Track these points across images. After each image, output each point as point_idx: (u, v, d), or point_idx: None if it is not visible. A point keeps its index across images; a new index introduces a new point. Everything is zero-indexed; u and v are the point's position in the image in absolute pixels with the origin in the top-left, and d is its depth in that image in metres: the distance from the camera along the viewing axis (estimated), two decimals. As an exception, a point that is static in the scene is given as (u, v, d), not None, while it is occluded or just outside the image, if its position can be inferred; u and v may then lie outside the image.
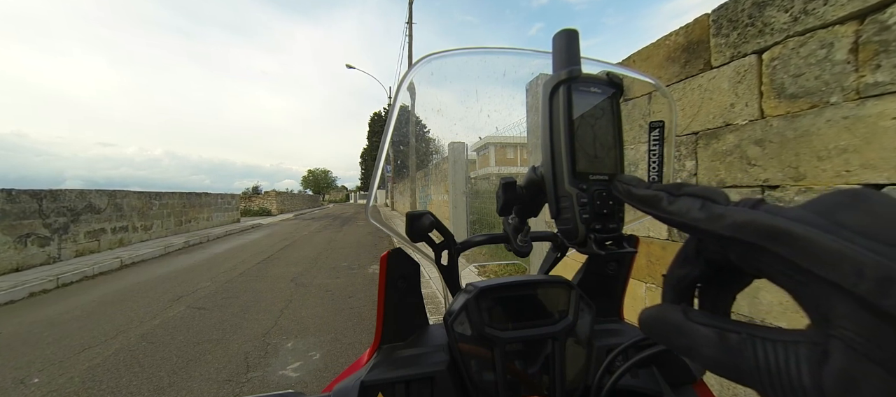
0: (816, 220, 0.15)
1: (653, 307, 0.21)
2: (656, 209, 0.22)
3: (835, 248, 0.14)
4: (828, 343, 0.14)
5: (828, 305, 0.14)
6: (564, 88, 0.31)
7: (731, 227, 0.18)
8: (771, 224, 0.16)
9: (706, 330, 0.18)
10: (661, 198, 0.22)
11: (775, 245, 0.16)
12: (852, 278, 0.13)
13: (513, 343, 0.42)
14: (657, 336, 0.21)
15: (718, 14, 1.53)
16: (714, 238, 0.19)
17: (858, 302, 0.13)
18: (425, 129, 0.71)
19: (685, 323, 0.19)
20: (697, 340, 0.18)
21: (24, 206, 6.05)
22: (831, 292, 0.14)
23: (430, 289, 3.87)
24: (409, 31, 20.28)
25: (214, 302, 4.13)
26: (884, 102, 1.05)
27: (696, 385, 0.48)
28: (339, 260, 6.58)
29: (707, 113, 1.59)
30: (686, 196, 0.21)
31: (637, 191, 0.25)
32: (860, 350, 0.13)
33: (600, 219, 0.32)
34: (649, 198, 0.23)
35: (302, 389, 2.29)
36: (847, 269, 0.14)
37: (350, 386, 0.40)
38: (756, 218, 0.17)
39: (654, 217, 0.23)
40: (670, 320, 0.20)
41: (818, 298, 0.15)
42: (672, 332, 0.20)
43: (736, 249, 0.18)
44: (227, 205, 14.71)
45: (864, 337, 0.13)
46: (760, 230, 0.16)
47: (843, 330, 0.14)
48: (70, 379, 2.50)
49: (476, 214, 4.48)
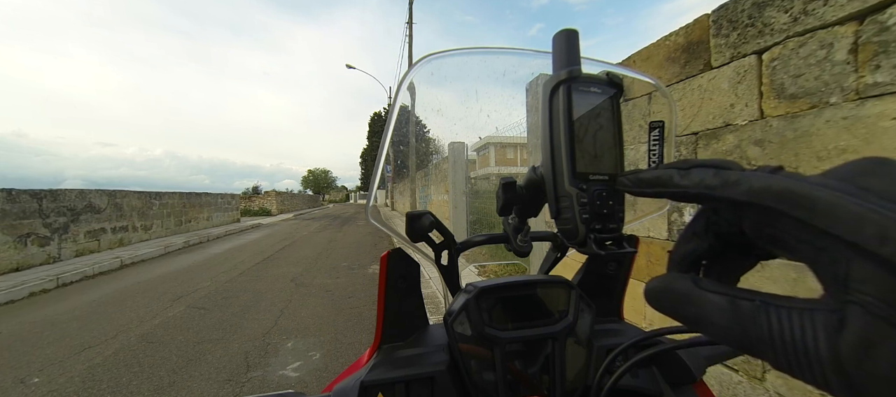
0: (838, 185, 0.15)
1: (659, 277, 0.20)
2: (668, 186, 0.21)
3: (858, 212, 0.14)
4: (845, 309, 0.14)
5: (847, 270, 0.14)
6: (564, 88, 0.31)
7: (748, 192, 0.17)
8: (790, 187, 0.16)
9: (717, 298, 0.18)
10: (671, 176, 0.21)
11: (794, 209, 0.15)
12: (876, 241, 0.13)
13: (513, 343, 0.42)
14: (664, 306, 0.20)
15: (718, 14, 1.53)
16: (730, 204, 0.19)
17: (881, 265, 0.13)
18: (425, 129, 0.71)
19: (694, 291, 0.19)
20: (707, 308, 0.18)
21: (24, 206, 6.05)
22: (852, 256, 0.14)
23: (430, 289, 3.87)
24: (409, 31, 20.28)
25: (214, 302, 4.13)
26: (883, 103, 1.05)
27: (696, 385, 0.48)
28: (339, 260, 6.58)
29: (707, 113, 1.59)
30: (698, 167, 0.20)
31: (645, 176, 0.24)
32: (880, 314, 0.13)
33: (600, 219, 0.32)
34: (659, 177, 0.22)
35: (302, 389, 2.29)
36: (871, 232, 0.13)
37: (350, 386, 0.40)
38: (775, 182, 0.16)
39: (667, 196, 0.22)
40: (679, 289, 0.19)
41: (837, 264, 0.15)
42: (680, 301, 0.19)
43: (751, 216, 0.18)
44: (227, 205, 14.71)
45: (886, 302, 0.13)
46: (778, 194, 0.16)
47: (863, 295, 0.14)
48: (70, 379, 2.50)
49: (476, 214, 4.48)
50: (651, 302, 0.20)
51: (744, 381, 1.47)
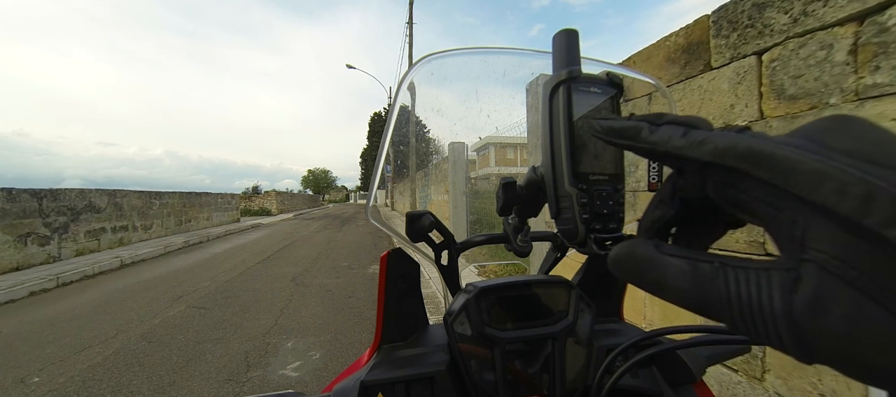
0: (802, 144, 0.15)
1: (623, 243, 0.21)
2: (636, 140, 0.21)
3: (818, 168, 0.14)
4: (800, 268, 0.14)
5: (805, 229, 0.14)
6: (564, 88, 0.31)
7: (713, 152, 0.17)
8: (753, 146, 0.16)
9: (678, 261, 0.18)
10: (641, 129, 0.21)
11: (756, 169, 0.16)
12: (834, 197, 0.13)
13: (513, 343, 0.42)
14: (626, 272, 0.20)
15: (718, 15, 1.53)
16: (694, 165, 0.18)
17: (838, 222, 0.13)
18: (425, 129, 0.71)
19: (657, 256, 0.19)
20: (668, 272, 0.18)
21: (24, 205, 6.05)
22: (810, 214, 0.14)
23: (430, 289, 3.87)
24: (410, 32, 20.28)
25: (214, 301, 4.13)
26: (883, 103, 1.05)
27: (696, 385, 0.48)
28: (339, 259, 6.58)
29: (707, 114, 1.59)
30: (667, 124, 0.20)
31: (616, 124, 0.23)
32: (834, 271, 0.13)
33: (600, 219, 0.32)
34: (629, 129, 0.22)
35: (302, 389, 2.29)
36: (830, 188, 0.13)
37: (350, 387, 0.40)
38: (739, 141, 0.16)
39: (634, 150, 0.22)
40: (640, 253, 0.19)
41: (794, 224, 0.15)
42: (642, 265, 0.19)
43: (714, 178, 0.18)
44: (227, 204, 14.71)
45: (840, 260, 0.13)
46: (742, 153, 0.16)
47: (818, 252, 0.14)
48: (70, 379, 2.50)
49: (476, 214, 4.48)
50: (614, 268, 0.20)
51: (743, 381, 1.47)
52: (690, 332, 0.43)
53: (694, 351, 0.48)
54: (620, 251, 0.20)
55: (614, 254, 0.20)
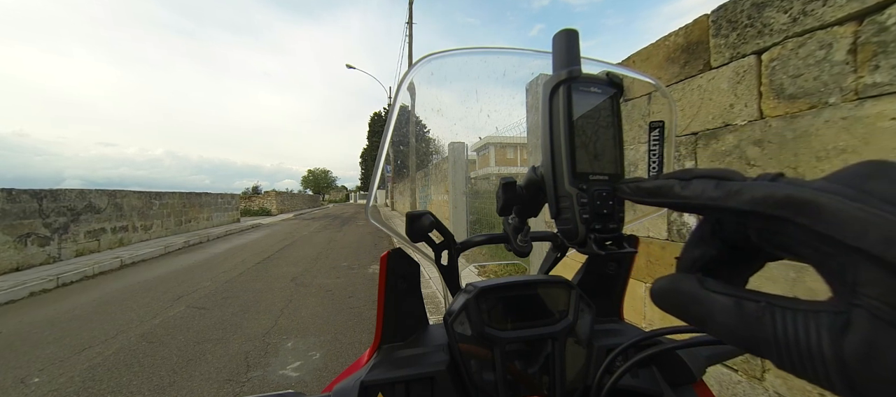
0: (841, 190, 0.15)
1: (665, 277, 0.21)
2: (669, 197, 0.21)
3: (861, 216, 0.14)
4: (851, 312, 0.14)
5: (853, 274, 0.14)
6: (564, 88, 0.31)
7: (751, 202, 0.17)
8: (792, 194, 0.16)
9: (723, 299, 0.18)
10: (672, 186, 0.21)
11: (798, 216, 0.16)
12: (881, 245, 0.13)
13: (513, 343, 0.42)
14: (670, 306, 0.20)
15: (718, 15, 1.53)
16: (734, 214, 0.19)
17: (886, 268, 0.13)
18: (425, 129, 0.71)
19: (701, 292, 0.19)
20: (713, 309, 0.18)
21: (24, 206, 6.05)
22: (857, 260, 0.14)
23: (430, 289, 3.87)
24: (410, 32, 20.28)
25: (214, 301, 4.13)
26: (882, 103, 1.05)
27: (696, 385, 0.48)
28: (339, 259, 6.58)
29: (706, 113, 1.59)
30: (698, 178, 0.20)
31: (646, 185, 0.24)
32: (885, 317, 0.13)
33: (600, 219, 0.32)
34: (660, 187, 0.22)
35: (302, 389, 2.29)
36: (875, 236, 0.13)
37: (350, 387, 0.40)
38: (776, 190, 0.16)
39: (668, 206, 0.22)
40: (685, 289, 0.19)
41: (843, 268, 0.15)
42: (687, 301, 0.19)
43: (756, 224, 0.18)
44: (227, 204, 14.70)
45: (891, 305, 0.13)
46: (781, 202, 0.16)
47: (869, 298, 0.14)
48: (70, 379, 2.50)
49: (476, 214, 4.48)
50: (657, 301, 0.21)
51: (743, 381, 1.47)
52: (690, 332, 0.43)
53: (694, 351, 0.48)
54: (663, 284, 0.20)
55: (657, 288, 0.21)
